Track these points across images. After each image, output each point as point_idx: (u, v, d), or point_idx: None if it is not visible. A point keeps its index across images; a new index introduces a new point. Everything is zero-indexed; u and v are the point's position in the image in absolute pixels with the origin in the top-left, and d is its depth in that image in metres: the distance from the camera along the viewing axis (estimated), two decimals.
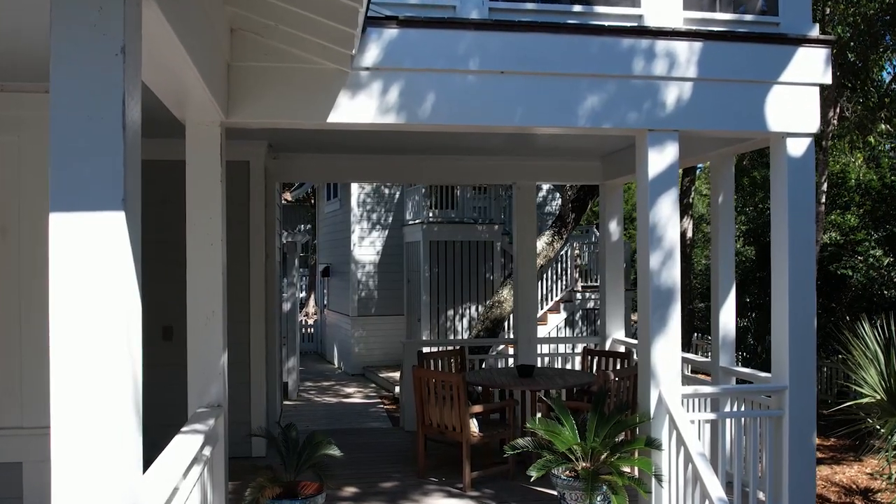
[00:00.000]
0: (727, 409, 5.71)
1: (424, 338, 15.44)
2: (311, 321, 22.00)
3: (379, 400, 13.51)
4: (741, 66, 5.08)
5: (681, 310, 5.06)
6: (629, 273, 18.35)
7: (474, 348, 10.06)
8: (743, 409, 5.47)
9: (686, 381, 5.63)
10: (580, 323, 15.23)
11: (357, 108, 4.66)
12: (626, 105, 4.95)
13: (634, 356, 7.59)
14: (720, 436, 5.40)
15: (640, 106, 4.97)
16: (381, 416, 11.82)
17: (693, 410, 5.96)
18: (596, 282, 15.64)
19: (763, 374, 5.70)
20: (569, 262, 15.36)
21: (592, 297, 15.23)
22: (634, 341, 8.16)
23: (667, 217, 5.02)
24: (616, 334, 8.37)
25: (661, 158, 5.02)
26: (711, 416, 5.24)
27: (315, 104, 4.63)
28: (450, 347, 8.76)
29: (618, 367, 7.32)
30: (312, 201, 24.63)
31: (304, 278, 29.11)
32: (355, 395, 14.26)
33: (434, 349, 8.52)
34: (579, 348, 9.77)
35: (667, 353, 5.00)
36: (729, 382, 6.21)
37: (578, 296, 15.27)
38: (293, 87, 4.60)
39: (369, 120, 4.69)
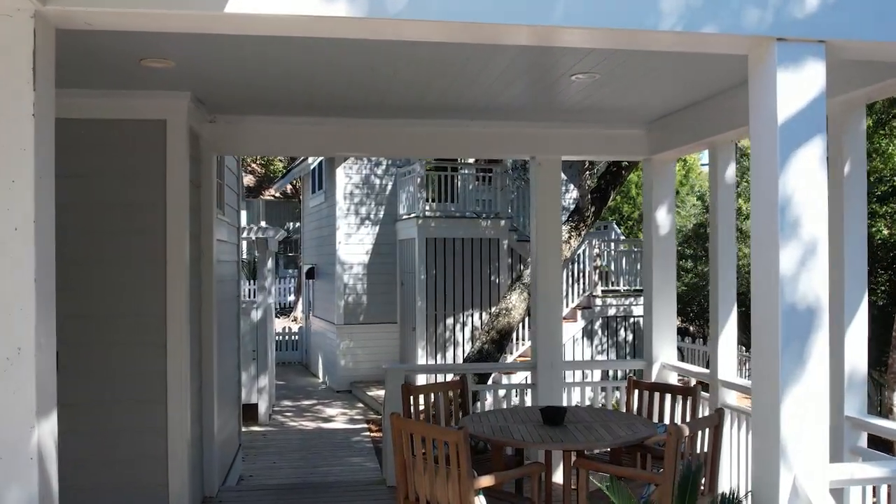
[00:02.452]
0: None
1: (420, 349, 13.45)
2: (296, 328, 19.99)
3: (365, 424, 11.52)
4: None
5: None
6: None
7: (479, 372, 8.02)
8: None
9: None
10: (600, 333, 13.20)
11: None
12: None
13: (700, 391, 5.54)
14: None
15: None
16: (364, 448, 9.81)
17: None
18: (617, 285, 13.62)
19: None
20: (587, 263, 13.33)
21: (614, 303, 13.22)
22: (694, 368, 6.15)
23: (809, 188, 3.00)
24: (665, 357, 6.35)
25: (797, 87, 3.00)
26: None
27: None
28: (448, 376, 6.77)
29: (678, 409, 5.27)
30: (301, 197, 22.76)
31: (292, 280, 27.23)
32: (338, 417, 12.26)
33: (426, 376, 6.47)
34: (597, 373, 7.79)
35: (807, 414, 2.98)
36: (859, 439, 4.19)
37: (598, 301, 13.24)
38: None
39: (299, 11, 2.68)
